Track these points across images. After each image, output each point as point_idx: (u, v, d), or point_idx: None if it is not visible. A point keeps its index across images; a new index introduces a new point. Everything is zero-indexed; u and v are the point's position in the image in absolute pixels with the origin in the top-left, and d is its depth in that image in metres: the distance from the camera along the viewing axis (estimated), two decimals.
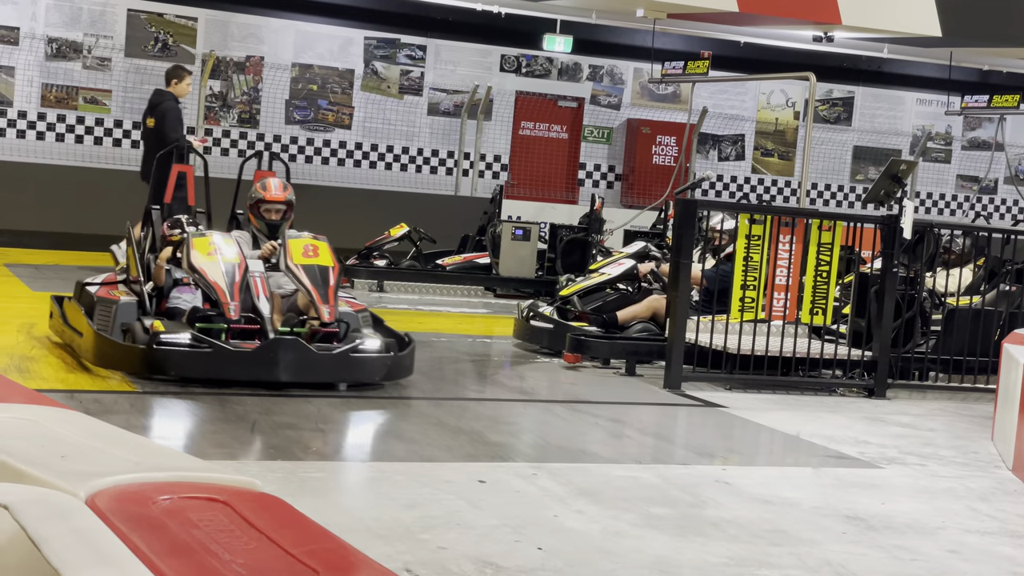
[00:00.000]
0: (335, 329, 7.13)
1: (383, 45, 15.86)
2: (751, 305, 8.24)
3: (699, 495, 5.32)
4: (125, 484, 2.77)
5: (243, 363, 6.79)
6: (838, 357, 8.45)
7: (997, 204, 19.37)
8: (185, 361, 6.77)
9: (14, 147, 14.19)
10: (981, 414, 7.87)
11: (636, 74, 16.94)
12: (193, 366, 6.78)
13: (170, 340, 6.79)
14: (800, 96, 17.78)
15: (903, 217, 8.35)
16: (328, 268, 7.25)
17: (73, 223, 13.77)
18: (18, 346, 7.76)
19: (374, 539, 4.31)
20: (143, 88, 14.70)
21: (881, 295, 8.38)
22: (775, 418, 7.36)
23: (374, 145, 15.89)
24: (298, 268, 7.19)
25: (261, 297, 7.16)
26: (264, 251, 7.63)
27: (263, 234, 7.81)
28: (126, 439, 3.40)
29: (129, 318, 7.29)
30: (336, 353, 6.95)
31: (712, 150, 17.57)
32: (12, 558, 2.45)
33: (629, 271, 9.63)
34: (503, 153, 16.55)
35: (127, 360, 6.90)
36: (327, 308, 7.09)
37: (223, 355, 6.78)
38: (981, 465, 6.46)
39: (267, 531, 2.59)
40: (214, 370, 6.76)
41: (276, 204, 7.80)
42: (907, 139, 18.63)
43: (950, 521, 5.24)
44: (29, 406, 3.59)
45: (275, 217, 7.81)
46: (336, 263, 7.33)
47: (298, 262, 7.21)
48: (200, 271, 7.17)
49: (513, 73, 16.52)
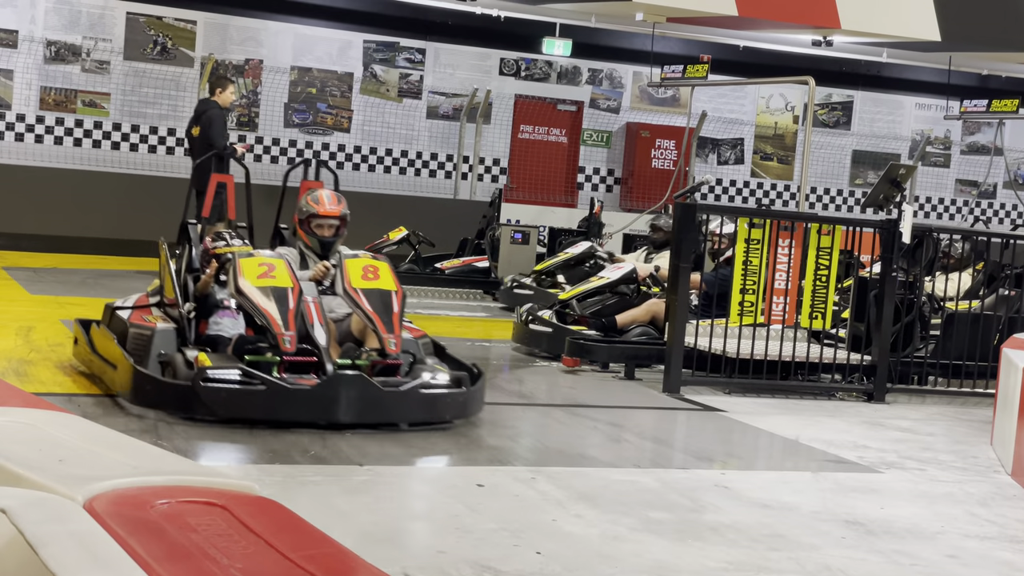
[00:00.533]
0: (398, 361, 6.38)
1: (382, 48, 15.86)
2: (750, 309, 8.24)
3: (698, 499, 5.31)
4: (123, 488, 2.76)
5: (301, 402, 6.01)
6: (837, 361, 8.45)
7: (996, 208, 19.37)
8: (235, 400, 5.96)
9: (12, 150, 14.19)
10: (980, 419, 7.86)
11: (635, 78, 16.94)
12: (245, 406, 5.98)
13: (218, 376, 5.99)
14: (799, 100, 17.79)
15: (902, 221, 8.35)
16: (391, 293, 6.52)
17: (71, 226, 13.76)
18: (16, 350, 7.74)
19: (372, 543, 4.30)
20: (142, 91, 14.71)
21: (880, 299, 8.38)
22: (774, 422, 7.36)
23: (373, 148, 15.89)
24: (358, 293, 6.47)
25: (316, 325, 6.35)
26: (316, 272, 6.82)
27: (314, 252, 7.02)
28: (124, 443, 3.40)
29: (168, 348, 6.50)
30: (405, 390, 6.20)
31: (711, 154, 17.58)
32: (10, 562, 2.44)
33: (628, 275, 9.62)
34: (502, 156, 16.55)
35: (169, 398, 6.09)
36: (392, 339, 6.35)
37: (279, 393, 5.99)
38: (980, 470, 6.46)
39: (265, 535, 2.58)
40: (268, 410, 5.98)
41: (330, 219, 6.99)
42: (906, 143, 18.63)
43: (949, 526, 5.23)
44: (27, 410, 3.58)
45: (328, 234, 7.00)
46: (399, 287, 6.61)
47: (357, 286, 6.48)
48: (248, 296, 6.38)
49: (512, 76, 16.52)
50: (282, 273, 6.46)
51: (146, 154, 14.72)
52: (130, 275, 12.26)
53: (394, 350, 6.34)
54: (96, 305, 9.89)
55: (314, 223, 6.99)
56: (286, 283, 6.42)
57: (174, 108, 14.84)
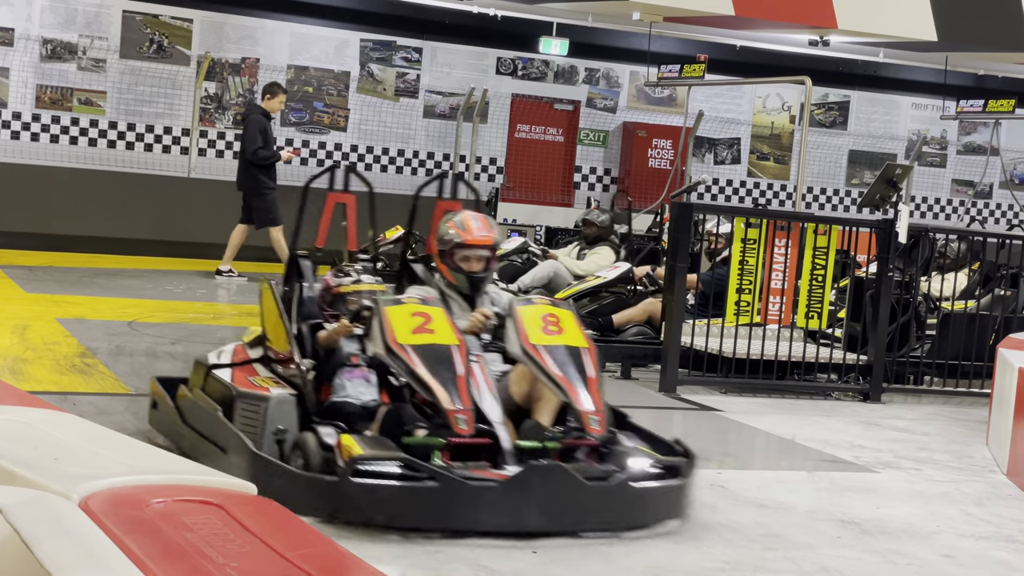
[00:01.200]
0: (593, 442, 4.85)
1: (379, 47, 15.85)
2: (747, 309, 8.25)
3: (694, 499, 5.31)
4: (119, 487, 2.76)
5: (483, 504, 4.50)
6: (833, 361, 8.45)
7: (992, 209, 19.39)
8: (398, 502, 4.49)
9: (8, 148, 14.17)
10: (976, 418, 7.86)
11: (632, 77, 16.94)
12: (410, 509, 4.49)
13: (375, 471, 4.52)
14: (796, 100, 17.79)
15: (898, 221, 8.35)
16: (581, 350, 5.00)
17: (67, 225, 13.74)
18: (11, 348, 7.73)
19: (368, 543, 4.29)
20: (138, 90, 14.70)
21: (876, 299, 8.38)
22: (770, 422, 7.36)
23: (370, 147, 15.88)
24: (539, 351, 4.95)
25: (486, 395, 4.86)
26: (474, 323, 5.30)
27: (458, 292, 5.49)
28: (120, 441, 3.40)
29: (287, 421, 4.97)
30: (614, 485, 4.70)
31: (708, 154, 17.58)
32: (6, 560, 2.44)
33: (624, 274, 9.63)
34: (499, 156, 16.55)
35: (304, 494, 4.53)
36: (595, 416, 4.81)
37: (456, 492, 4.47)
38: (976, 470, 6.46)
39: (261, 534, 2.58)
40: (439, 515, 4.46)
41: (480, 249, 5.44)
42: (902, 143, 18.64)
43: (945, 526, 5.23)
44: (22, 408, 3.58)
45: (478, 268, 5.44)
46: (590, 342, 5.10)
47: (538, 341, 4.98)
48: (405, 359, 4.84)
49: (509, 76, 16.52)
50: (442, 326, 4.97)
51: (142, 152, 14.70)
52: (127, 273, 12.26)
53: (598, 430, 4.81)
54: (92, 304, 9.93)
55: (459, 255, 5.43)
56: (449, 339, 4.92)
57: (170, 107, 14.82)
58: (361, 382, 5.12)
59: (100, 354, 7.75)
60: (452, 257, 5.44)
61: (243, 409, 5.15)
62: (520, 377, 5.10)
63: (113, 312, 9.55)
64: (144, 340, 8.45)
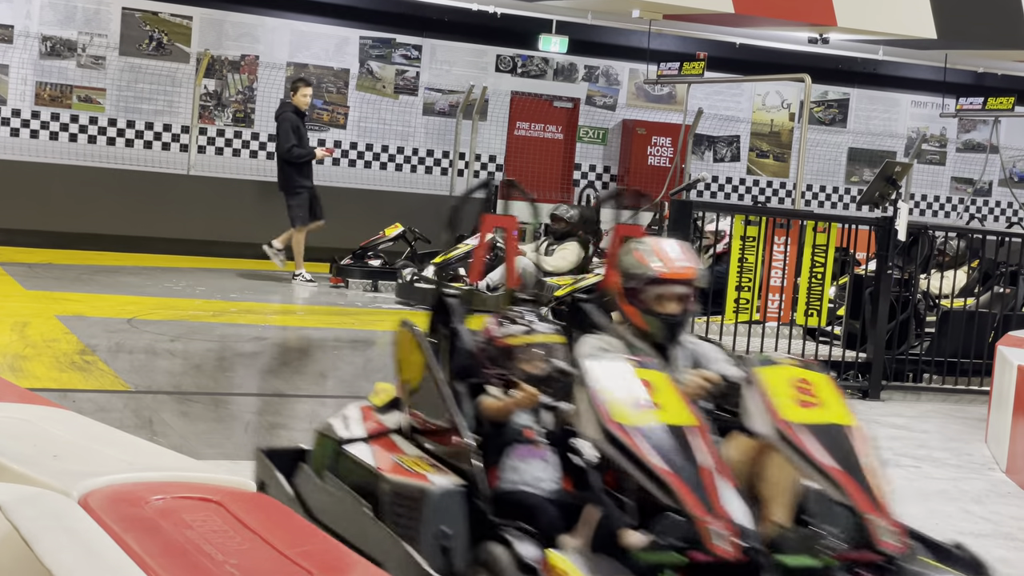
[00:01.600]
0: (879, 558, 3.57)
1: (379, 45, 15.85)
2: (746, 306, 8.25)
3: None
4: (118, 484, 2.76)
5: None
6: (832, 359, 8.45)
7: (991, 206, 19.39)
8: None
9: (8, 145, 14.16)
10: (975, 416, 7.87)
11: (632, 75, 16.93)
12: None
13: None
14: (795, 98, 17.79)
15: (897, 219, 8.36)
16: (847, 430, 3.76)
17: (67, 222, 13.74)
18: (11, 345, 7.73)
19: None
20: (137, 87, 14.69)
21: (875, 297, 8.39)
22: None
23: (369, 145, 15.88)
24: (796, 433, 3.67)
25: (724, 490, 3.53)
26: (695, 389, 3.99)
27: (649, 340, 4.20)
28: (119, 439, 3.40)
29: (454, 522, 3.70)
30: None
31: (707, 151, 17.58)
32: (5, 557, 2.44)
33: None
34: (498, 153, 16.54)
35: None
36: (887, 525, 3.59)
37: None
38: (975, 467, 6.46)
39: (260, 531, 2.58)
40: None
41: (679, 286, 4.18)
42: (902, 141, 18.64)
43: (944, 523, 5.23)
44: (22, 405, 3.58)
45: (676, 310, 4.18)
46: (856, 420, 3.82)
47: (794, 419, 3.70)
48: (630, 444, 3.52)
49: (509, 73, 16.51)
50: (671, 399, 3.67)
51: (142, 150, 14.69)
52: (126, 271, 12.27)
53: (896, 547, 3.56)
54: (92, 302, 9.93)
55: (653, 293, 4.17)
56: (684, 418, 3.61)
57: (170, 104, 14.82)
58: (539, 463, 3.93)
59: (100, 351, 7.75)
60: (643, 296, 4.19)
61: (395, 500, 3.90)
62: (744, 453, 3.85)
63: (113, 309, 9.55)
64: (144, 337, 8.45)
